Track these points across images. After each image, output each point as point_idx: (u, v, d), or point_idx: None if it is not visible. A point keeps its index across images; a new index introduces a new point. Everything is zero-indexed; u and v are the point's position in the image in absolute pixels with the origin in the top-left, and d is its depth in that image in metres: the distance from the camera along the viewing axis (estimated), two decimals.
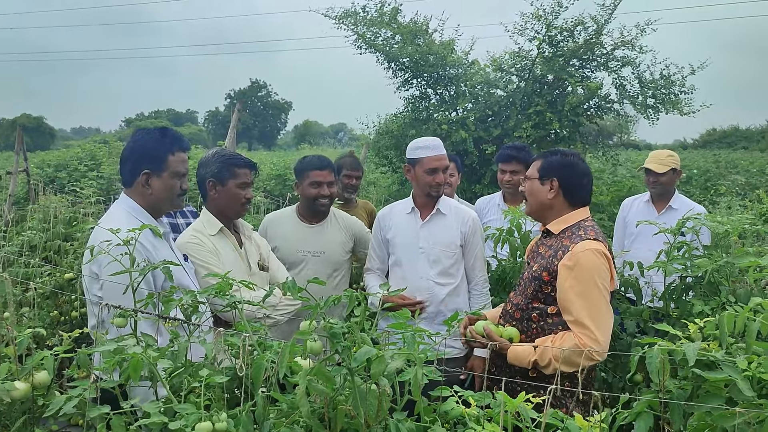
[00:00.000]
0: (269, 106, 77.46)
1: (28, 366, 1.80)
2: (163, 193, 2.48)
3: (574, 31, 9.33)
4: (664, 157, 4.35)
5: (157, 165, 2.45)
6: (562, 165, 2.58)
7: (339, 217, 3.62)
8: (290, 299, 2.91)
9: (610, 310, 2.42)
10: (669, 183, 4.34)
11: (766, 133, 42.66)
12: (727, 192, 10.95)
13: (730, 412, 1.45)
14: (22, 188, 9.31)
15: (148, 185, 2.45)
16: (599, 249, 2.40)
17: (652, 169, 4.30)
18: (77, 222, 4.72)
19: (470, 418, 1.64)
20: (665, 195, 4.40)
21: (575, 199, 2.59)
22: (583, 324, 2.33)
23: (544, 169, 2.60)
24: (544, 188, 2.58)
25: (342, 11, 9.93)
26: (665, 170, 4.28)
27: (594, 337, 2.31)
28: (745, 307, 1.70)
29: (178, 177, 2.51)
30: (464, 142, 9.14)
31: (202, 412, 1.52)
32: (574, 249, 2.41)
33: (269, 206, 7.89)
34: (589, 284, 2.36)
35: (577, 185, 2.58)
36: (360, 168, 4.46)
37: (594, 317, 2.33)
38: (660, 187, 4.35)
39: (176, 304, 1.90)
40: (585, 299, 2.35)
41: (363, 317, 1.61)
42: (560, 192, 2.57)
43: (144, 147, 2.48)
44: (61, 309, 4.10)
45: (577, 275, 2.37)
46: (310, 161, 3.49)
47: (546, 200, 2.59)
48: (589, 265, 2.36)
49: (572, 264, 2.39)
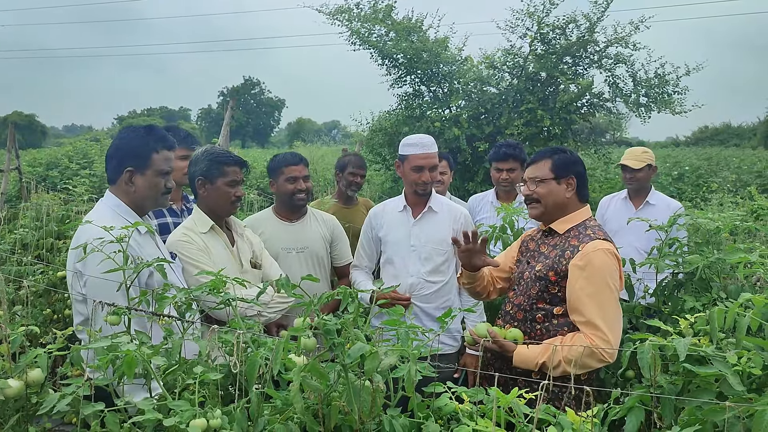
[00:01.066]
0: (262, 104, 77.34)
1: (22, 364, 1.79)
2: (147, 191, 2.47)
3: (566, 28, 9.34)
4: (640, 153, 4.47)
5: (141, 163, 2.44)
6: (574, 162, 2.56)
7: (316, 213, 3.66)
8: (282, 296, 2.92)
9: (620, 310, 2.40)
10: (645, 179, 4.46)
11: (758, 130, 42.90)
12: (718, 189, 11.00)
13: (720, 406, 1.46)
14: (14, 186, 9.27)
15: (131, 183, 2.44)
16: (610, 249, 2.38)
17: (629, 165, 4.42)
18: (70, 220, 4.70)
19: (464, 413, 1.65)
20: (642, 191, 4.51)
21: (584, 196, 2.58)
22: (595, 325, 2.30)
23: (558, 169, 2.54)
24: (562, 187, 2.54)
25: (336, 7, 9.91)
26: (641, 166, 4.39)
27: (606, 338, 2.28)
28: (735, 302, 1.71)
29: (162, 175, 2.49)
30: (457, 140, 9.15)
31: (196, 409, 1.52)
32: (585, 249, 2.38)
33: (262, 203, 7.87)
34: (600, 285, 2.33)
35: (586, 182, 2.59)
36: (365, 167, 4.45)
37: (606, 318, 2.31)
38: (636, 183, 4.47)
39: (170, 301, 1.90)
40: (596, 300, 2.32)
41: (356, 314, 1.62)
42: (575, 189, 2.55)
43: (129, 144, 2.47)
44: (54, 307, 4.08)
45: (589, 276, 2.34)
46: (283, 158, 3.51)
47: (564, 199, 2.54)
48: (600, 266, 2.34)
49: (584, 264, 2.36)
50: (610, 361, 2.32)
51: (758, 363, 1.61)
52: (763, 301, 1.68)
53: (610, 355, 2.28)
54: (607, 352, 2.26)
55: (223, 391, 1.73)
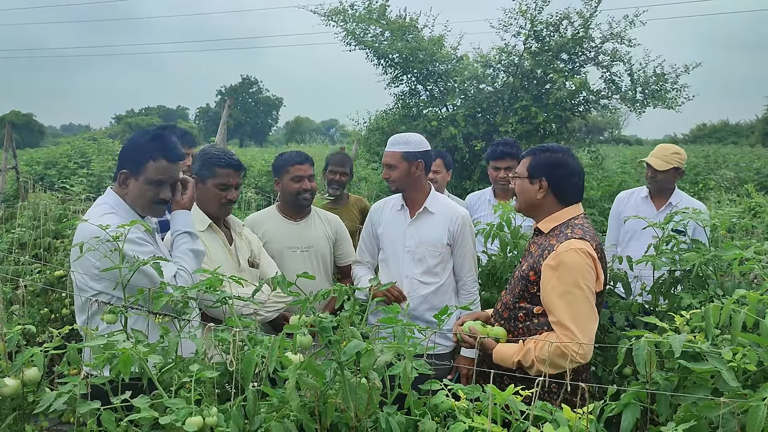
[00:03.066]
0: (260, 103, 77.25)
1: (18, 363, 1.79)
2: (136, 197, 2.43)
3: (560, 25, 9.35)
4: (669, 153, 4.03)
5: (136, 167, 2.41)
6: (551, 164, 2.50)
7: (320, 212, 3.66)
8: (279, 295, 2.92)
9: (593, 311, 2.35)
10: (668, 181, 4.08)
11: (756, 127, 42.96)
12: (716, 187, 11.02)
13: (715, 402, 1.47)
14: (12, 185, 9.26)
15: (125, 185, 2.43)
16: (583, 248, 2.33)
17: (652, 165, 4.04)
18: (67, 219, 4.70)
19: (460, 411, 1.66)
20: (664, 191, 4.14)
21: (565, 198, 2.52)
22: (565, 325, 2.28)
23: (533, 168, 2.52)
24: (533, 188, 2.52)
25: (331, 8, 9.92)
26: (667, 168, 4.00)
27: (576, 338, 2.25)
28: (729, 299, 1.72)
29: (154, 185, 2.42)
30: (454, 138, 9.16)
31: (192, 406, 1.53)
32: (558, 248, 2.35)
33: (260, 202, 7.88)
34: (571, 285, 2.30)
35: (567, 184, 2.51)
36: (346, 164, 4.43)
37: (576, 319, 2.28)
38: (657, 185, 4.11)
39: (167, 299, 1.91)
40: (567, 300, 2.30)
41: (352, 311, 1.62)
42: (550, 191, 2.51)
43: (132, 146, 2.46)
44: (51, 306, 4.08)
45: (560, 275, 2.32)
46: (289, 156, 3.47)
47: (535, 199, 2.53)
48: (571, 265, 2.31)
49: (555, 264, 2.33)
50: (582, 361, 2.29)
51: (753, 359, 1.62)
52: (756, 298, 1.69)
53: (581, 356, 2.26)
54: (577, 352, 2.23)
55: (219, 389, 1.74)
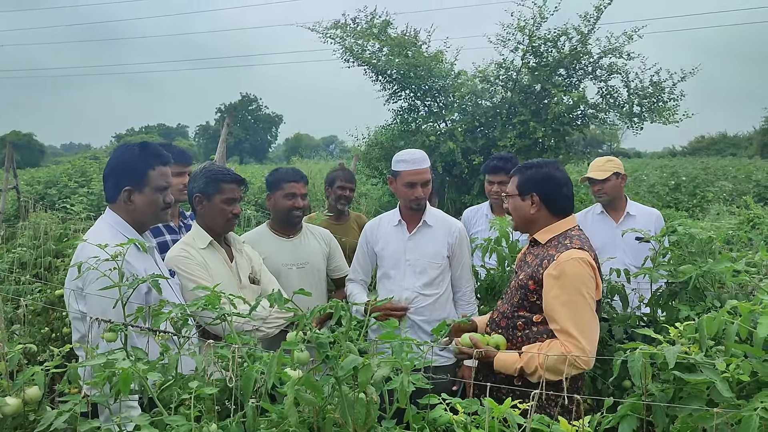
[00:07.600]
0: (260, 120, 77.49)
1: (19, 381, 1.81)
2: (146, 208, 2.47)
3: (558, 41, 9.43)
4: (603, 163, 4.17)
5: (138, 181, 2.44)
6: (538, 178, 2.60)
7: (311, 228, 3.66)
8: (280, 311, 2.93)
9: (595, 318, 2.44)
10: (614, 189, 4.13)
11: (754, 139, 43.10)
12: (714, 198, 11.04)
13: (710, 413, 1.48)
14: (12, 205, 9.29)
15: (131, 201, 2.45)
16: (584, 258, 2.42)
17: (594, 176, 4.11)
18: (68, 238, 4.72)
19: (458, 425, 1.67)
20: (617, 203, 4.20)
21: (558, 209, 2.62)
22: (569, 333, 2.35)
23: (522, 185, 2.63)
24: (526, 204, 2.62)
25: (331, 22, 10.01)
26: (607, 175, 4.08)
27: (580, 345, 2.33)
28: (722, 309, 1.74)
29: (160, 191, 2.49)
30: (452, 153, 9.21)
31: (192, 423, 1.54)
32: (559, 258, 2.43)
33: (260, 219, 7.90)
34: (574, 293, 2.38)
35: (557, 196, 2.61)
36: (354, 180, 4.48)
37: (579, 326, 2.36)
38: (606, 196, 4.15)
39: (166, 317, 1.92)
40: (570, 308, 2.37)
41: (349, 326, 1.64)
42: (542, 205, 2.60)
43: (124, 163, 2.47)
44: (52, 325, 4.09)
45: (563, 284, 2.39)
46: (285, 173, 3.48)
47: (529, 215, 2.62)
48: (573, 274, 2.39)
49: (557, 273, 2.41)
50: (586, 367, 2.37)
51: (746, 370, 1.63)
52: (748, 309, 1.71)
53: (585, 362, 2.33)
54: (581, 358, 2.31)
55: (219, 405, 1.75)
